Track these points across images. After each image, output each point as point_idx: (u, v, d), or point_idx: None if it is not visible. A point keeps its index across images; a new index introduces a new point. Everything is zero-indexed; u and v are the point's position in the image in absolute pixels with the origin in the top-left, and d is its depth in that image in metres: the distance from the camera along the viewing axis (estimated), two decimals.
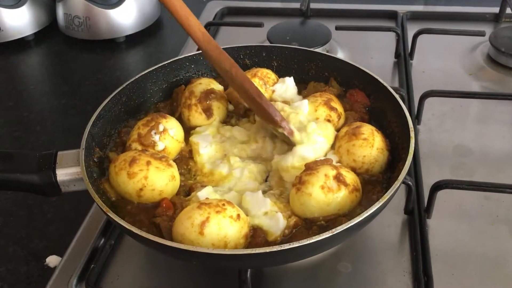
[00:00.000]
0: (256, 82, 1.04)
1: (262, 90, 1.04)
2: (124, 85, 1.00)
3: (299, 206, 0.80)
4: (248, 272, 0.75)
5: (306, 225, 0.80)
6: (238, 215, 0.76)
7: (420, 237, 0.90)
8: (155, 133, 0.92)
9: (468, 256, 0.88)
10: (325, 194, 0.79)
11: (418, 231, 0.91)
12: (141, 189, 0.83)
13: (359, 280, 0.86)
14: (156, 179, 0.83)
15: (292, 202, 0.82)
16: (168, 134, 0.94)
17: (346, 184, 0.80)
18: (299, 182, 0.81)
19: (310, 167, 0.83)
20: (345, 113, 0.99)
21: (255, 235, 0.78)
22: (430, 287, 0.81)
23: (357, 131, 0.89)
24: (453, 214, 0.96)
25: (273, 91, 1.06)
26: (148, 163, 0.84)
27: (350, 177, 0.82)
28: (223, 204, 0.76)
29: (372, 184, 0.86)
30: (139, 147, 0.91)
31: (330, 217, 0.79)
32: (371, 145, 0.87)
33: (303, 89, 1.08)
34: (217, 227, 0.73)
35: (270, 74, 1.08)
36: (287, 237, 0.78)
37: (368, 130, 0.89)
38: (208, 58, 0.93)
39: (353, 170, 0.87)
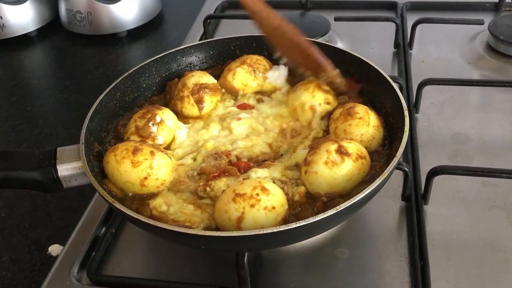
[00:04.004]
0: (245, 69, 1.05)
1: (251, 77, 1.05)
2: (118, 80, 1.01)
3: (309, 186, 0.82)
4: (245, 257, 0.76)
5: (309, 200, 0.82)
6: (273, 206, 0.76)
7: (417, 222, 0.91)
8: (152, 124, 0.93)
9: (464, 241, 0.89)
10: (330, 168, 0.80)
11: (415, 217, 0.92)
12: (145, 178, 0.84)
13: (356, 265, 0.87)
14: (161, 169, 0.85)
15: (304, 183, 0.83)
16: (166, 124, 0.95)
17: (348, 154, 0.81)
18: (305, 164, 0.83)
19: (313, 147, 0.84)
20: (339, 97, 1.01)
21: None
22: (426, 271, 0.82)
23: (352, 111, 0.91)
24: (450, 200, 0.96)
25: (265, 78, 1.07)
26: (152, 153, 0.85)
27: (352, 147, 0.83)
28: (257, 194, 0.76)
29: (372, 157, 0.87)
30: (138, 139, 0.92)
31: (341, 191, 0.81)
32: (367, 123, 0.89)
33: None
34: (253, 221, 0.75)
35: (260, 61, 1.09)
36: (294, 213, 0.79)
37: (362, 109, 0.91)
38: (256, 18, 1.01)
39: None
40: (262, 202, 0.75)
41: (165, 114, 0.97)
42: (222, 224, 0.77)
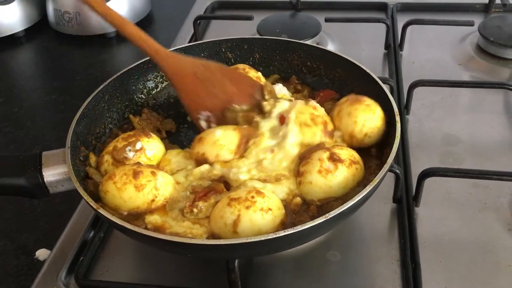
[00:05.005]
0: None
1: None
2: (105, 83, 1.00)
3: (305, 195, 0.82)
4: (236, 261, 0.75)
5: (303, 206, 0.81)
6: (270, 208, 0.75)
7: (408, 225, 0.90)
8: (129, 150, 0.87)
9: (456, 243, 0.89)
10: (324, 177, 0.80)
11: (406, 219, 0.91)
12: (152, 200, 0.81)
13: (348, 268, 0.86)
14: (166, 188, 0.83)
15: (300, 193, 0.83)
16: (145, 154, 0.88)
17: (341, 161, 0.80)
18: (299, 175, 0.82)
19: (305, 157, 0.84)
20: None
21: None
22: (417, 274, 0.82)
23: (360, 98, 0.91)
24: (441, 202, 0.96)
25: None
26: (153, 173, 0.82)
27: (344, 153, 0.82)
28: (252, 197, 0.75)
29: (365, 161, 0.86)
30: (110, 160, 0.87)
31: (335, 197, 0.80)
32: (373, 111, 0.89)
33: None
34: (249, 224, 0.73)
35: (248, 69, 1.06)
36: (292, 219, 0.79)
37: (370, 100, 0.91)
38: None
39: (351, 135, 0.88)
40: (258, 204, 0.74)
41: (150, 144, 0.90)
42: (218, 232, 0.76)
